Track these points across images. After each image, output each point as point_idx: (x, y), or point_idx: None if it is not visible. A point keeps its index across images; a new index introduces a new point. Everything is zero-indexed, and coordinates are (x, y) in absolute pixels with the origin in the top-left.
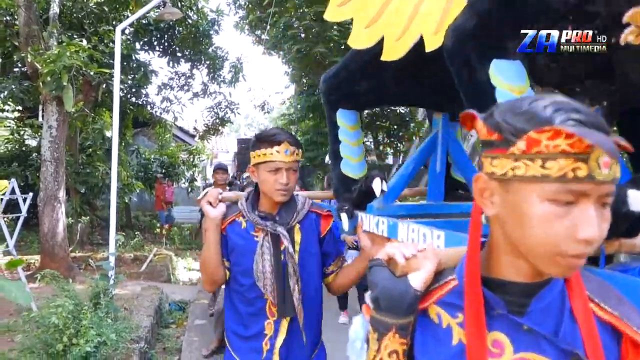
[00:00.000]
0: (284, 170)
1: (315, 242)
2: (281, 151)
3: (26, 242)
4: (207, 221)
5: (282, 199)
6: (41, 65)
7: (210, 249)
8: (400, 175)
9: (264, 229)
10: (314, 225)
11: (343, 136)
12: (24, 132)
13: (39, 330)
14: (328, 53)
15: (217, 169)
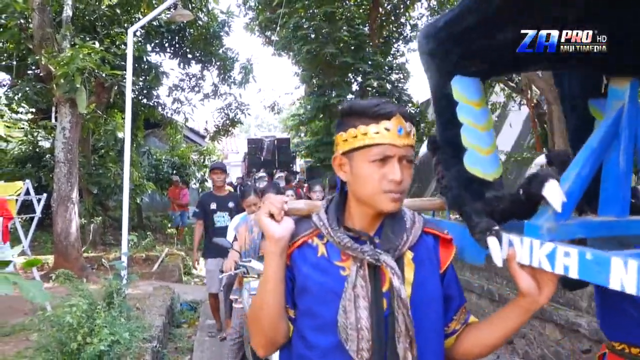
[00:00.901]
0: (395, 160)
1: (435, 280)
2: (392, 129)
3: (40, 242)
4: (267, 244)
5: (393, 207)
6: (55, 67)
7: (268, 290)
8: (578, 176)
9: (357, 257)
10: (432, 253)
11: (466, 116)
12: (38, 134)
13: (54, 330)
14: (338, 53)
15: (214, 169)
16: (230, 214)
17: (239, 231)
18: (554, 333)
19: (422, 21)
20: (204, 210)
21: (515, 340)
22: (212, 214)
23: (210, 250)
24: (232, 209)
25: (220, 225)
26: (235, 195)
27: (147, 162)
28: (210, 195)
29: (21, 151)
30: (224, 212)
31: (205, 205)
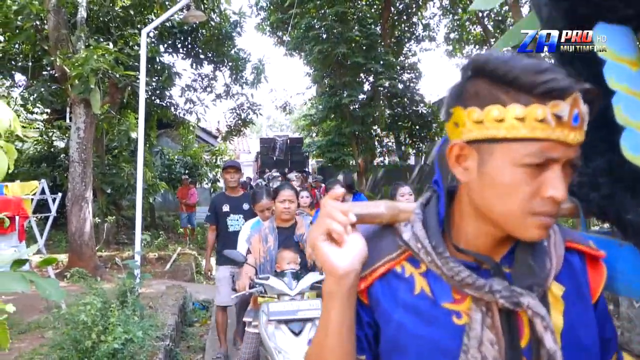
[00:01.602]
0: (559, 167)
1: (589, 320)
2: (566, 116)
3: (55, 241)
4: (327, 282)
5: (540, 235)
6: (69, 68)
7: (329, 346)
8: None
9: (482, 299)
10: (581, 279)
11: (618, 80)
12: (53, 134)
13: (68, 327)
14: (350, 53)
15: (227, 168)
16: (245, 217)
17: (252, 242)
18: None
19: (434, 21)
20: (216, 213)
21: None
22: (225, 216)
23: (222, 257)
24: (247, 212)
25: (234, 229)
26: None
27: (160, 162)
28: (223, 196)
29: (36, 151)
30: (237, 215)
31: (217, 207)
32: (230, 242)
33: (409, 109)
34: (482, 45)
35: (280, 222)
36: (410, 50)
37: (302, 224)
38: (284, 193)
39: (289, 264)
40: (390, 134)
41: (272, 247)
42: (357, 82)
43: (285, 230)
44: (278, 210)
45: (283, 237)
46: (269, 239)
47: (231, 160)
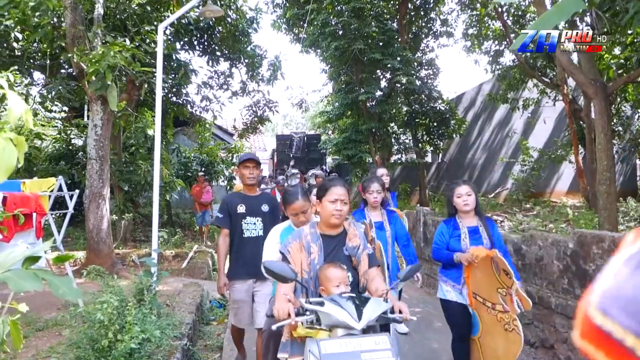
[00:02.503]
0: None
1: None
2: None
3: (73, 238)
4: None
5: None
6: (86, 65)
7: None
8: None
9: None
10: None
11: None
12: (71, 132)
13: (85, 326)
14: (367, 49)
15: (246, 161)
16: (264, 221)
17: (291, 250)
18: None
19: (452, 16)
20: (229, 215)
21: (556, 344)
22: (240, 219)
23: (238, 270)
24: (267, 214)
25: (250, 234)
26: (270, 197)
27: (177, 159)
28: (238, 195)
29: (55, 149)
30: (255, 218)
31: (231, 208)
32: (246, 250)
33: (426, 105)
34: (501, 41)
35: (326, 229)
36: (427, 46)
37: (355, 232)
38: (336, 191)
39: (337, 286)
40: (408, 131)
41: (317, 260)
42: (373, 78)
43: (331, 239)
44: (326, 212)
45: (330, 248)
46: (313, 250)
47: (249, 153)
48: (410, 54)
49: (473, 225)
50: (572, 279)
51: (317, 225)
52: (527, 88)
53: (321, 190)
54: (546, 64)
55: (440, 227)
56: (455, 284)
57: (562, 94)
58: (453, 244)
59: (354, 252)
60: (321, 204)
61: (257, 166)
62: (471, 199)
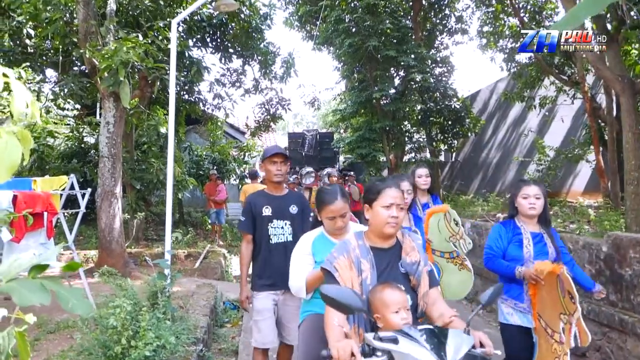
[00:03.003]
0: None
1: None
2: None
3: (85, 236)
4: None
5: None
6: (98, 60)
7: None
8: None
9: None
10: None
11: None
12: (83, 130)
13: (97, 331)
14: (381, 46)
15: (273, 156)
16: (293, 224)
17: (339, 268)
18: (637, 348)
19: (467, 13)
20: (253, 218)
21: (588, 353)
22: (267, 222)
23: (263, 281)
24: (296, 217)
25: (278, 240)
26: (299, 196)
27: (189, 158)
28: (263, 195)
29: (67, 147)
30: (283, 221)
31: (256, 210)
32: (273, 258)
33: (441, 103)
34: (518, 38)
35: (377, 240)
36: (442, 44)
37: (411, 245)
38: (391, 193)
39: (397, 312)
40: (422, 129)
41: (369, 279)
42: (387, 76)
43: (384, 253)
44: (379, 220)
45: (383, 264)
46: (364, 266)
47: (275, 146)
48: (425, 51)
49: (536, 232)
50: (605, 284)
51: (364, 236)
52: (543, 86)
53: (371, 192)
54: (564, 61)
55: (497, 229)
56: (517, 302)
57: (583, 91)
58: (513, 252)
59: (413, 269)
60: (371, 210)
61: (285, 161)
62: (539, 203)
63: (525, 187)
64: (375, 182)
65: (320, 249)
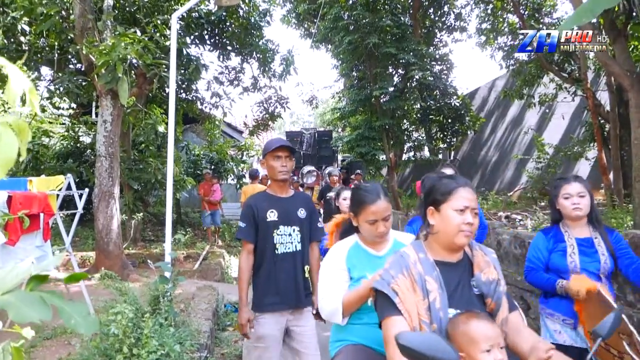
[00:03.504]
0: None
1: None
2: None
3: (81, 238)
4: None
5: None
6: (96, 56)
7: None
8: None
9: None
10: None
11: None
12: (79, 129)
13: (97, 339)
14: (381, 44)
15: (277, 149)
16: (302, 230)
17: (400, 290)
18: None
19: (466, 10)
20: (255, 223)
21: None
22: (272, 229)
23: (268, 298)
24: (304, 222)
25: (285, 250)
26: (306, 198)
27: (186, 157)
28: (266, 197)
29: (63, 146)
30: (291, 227)
31: (258, 215)
32: (280, 271)
33: (440, 101)
34: (517, 36)
35: (444, 253)
36: (441, 41)
37: (485, 259)
38: (464, 194)
39: (488, 351)
40: (421, 127)
41: (438, 303)
42: (387, 74)
43: (452, 269)
44: (450, 227)
45: (453, 283)
46: (430, 286)
47: (279, 139)
48: (424, 49)
49: (584, 237)
50: (622, 284)
51: (425, 247)
52: (542, 83)
53: (438, 192)
54: (564, 58)
55: (537, 240)
56: (566, 317)
57: (585, 88)
58: (555, 262)
59: (490, 289)
60: (437, 214)
61: (290, 156)
62: (584, 201)
63: (565, 185)
64: (440, 179)
65: (357, 262)
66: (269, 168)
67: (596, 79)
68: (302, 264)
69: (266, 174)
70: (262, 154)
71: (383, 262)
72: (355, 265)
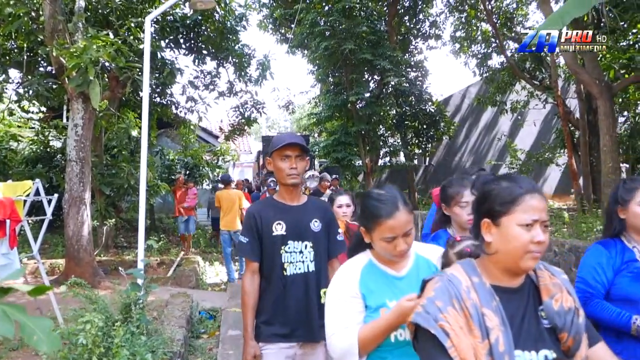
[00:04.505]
0: None
1: None
2: None
3: (50, 245)
4: None
5: None
6: (67, 59)
7: None
8: None
9: None
10: None
11: None
12: (49, 133)
13: (66, 350)
14: (357, 50)
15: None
16: (316, 246)
17: (452, 329)
18: None
19: (441, 18)
20: (259, 237)
21: None
22: (279, 245)
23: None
24: (320, 235)
25: (296, 271)
26: (323, 206)
27: (160, 162)
28: (273, 205)
29: (32, 151)
30: (302, 242)
31: (263, 227)
32: (290, 296)
33: (416, 107)
34: (489, 44)
35: (504, 277)
36: (416, 48)
37: (554, 281)
38: (534, 202)
39: None
40: (397, 133)
41: (501, 344)
42: (363, 80)
43: (513, 296)
44: (515, 245)
45: (517, 315)
46: (490, 322)
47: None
48: (400, 55)
49: None
50: None
51: (478, 268)
52: (514, 91)
53: (497, 200)
54: (535, 66)
55: (596, 254)
56: None
57: (556, 95)
58: (625, 288)
59: (565, 321)
60: (498, 230)
61: (302, 155)
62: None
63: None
64: (499, 181)
65: (374, 286)
66: (275, 170)
67: (566, 86)
68: (317, 287)
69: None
70: (269, 151)
71: (405, 284)
72: (371, 290)
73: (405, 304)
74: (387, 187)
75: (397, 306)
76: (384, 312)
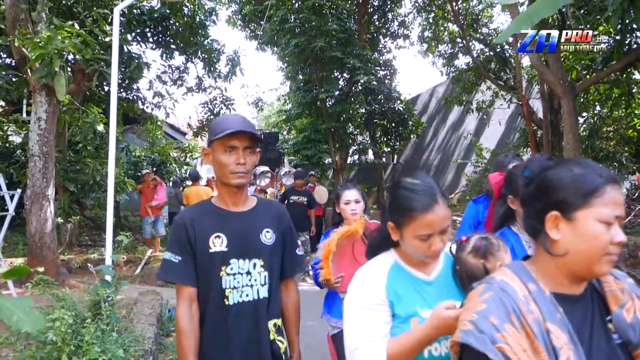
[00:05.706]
0: None
1: None
2: None
3: (10, 243)
4: None
5: None
6: (30, 49)
7: None
8: None
9: None
10: None
11: None
12: (8, 128)
13: (33, 348)
14: (327, 47)
15: (230, 136)
16: (268, 266)
17: (509, 350)
18: None
19: (409, 18)
20: (192, 254)
21: None
22: (218, 265)
23: None
24: (273, 250)
25: (241, 298)
26: (278, 210)
27: (126, 158)
28: (210, 211)
29: None
30: (250, 260)
31: (196, 240)
32: (234, 332)
33: (385, 105)
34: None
35: (566, 282)
36: (385, 47)
37: (623, 286)
38: (614, 195)
39: None
40: (366, 131)
41: None
42: (332, 77)
43: (576, 306)
44: (590, 246)
45: (585, 328)
46: (557, 340)
47: (235, 117)
48: (369, 53)
49: None
50: None
51: (534, 273)
52: (480, 91)
53: (573, 191)
54: (500, 67)
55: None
56: None
57: (520, 95)
58: None
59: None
60: (570, 226)
61: (253, 148)
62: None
63: None
64: (569, 168)
65: (403, 292)
66: (216, 165)
67: (529, 87)
68: (268, 318)
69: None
70: (207, 140)
71: (434, 290)
72: (400, 297)
73: (445, 314)
74: (422, 175)
75: (435, 316)
76: (415, 322)
